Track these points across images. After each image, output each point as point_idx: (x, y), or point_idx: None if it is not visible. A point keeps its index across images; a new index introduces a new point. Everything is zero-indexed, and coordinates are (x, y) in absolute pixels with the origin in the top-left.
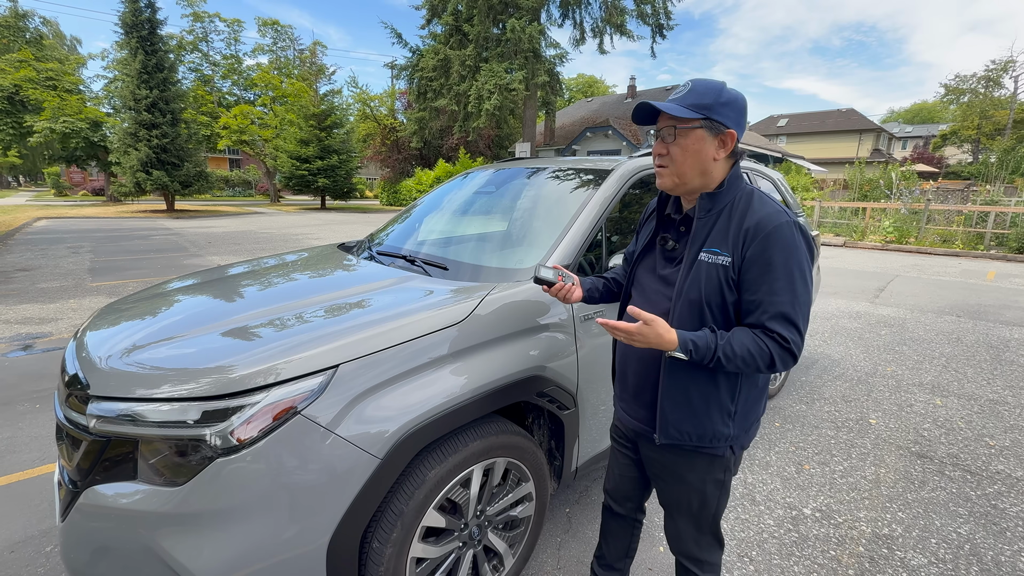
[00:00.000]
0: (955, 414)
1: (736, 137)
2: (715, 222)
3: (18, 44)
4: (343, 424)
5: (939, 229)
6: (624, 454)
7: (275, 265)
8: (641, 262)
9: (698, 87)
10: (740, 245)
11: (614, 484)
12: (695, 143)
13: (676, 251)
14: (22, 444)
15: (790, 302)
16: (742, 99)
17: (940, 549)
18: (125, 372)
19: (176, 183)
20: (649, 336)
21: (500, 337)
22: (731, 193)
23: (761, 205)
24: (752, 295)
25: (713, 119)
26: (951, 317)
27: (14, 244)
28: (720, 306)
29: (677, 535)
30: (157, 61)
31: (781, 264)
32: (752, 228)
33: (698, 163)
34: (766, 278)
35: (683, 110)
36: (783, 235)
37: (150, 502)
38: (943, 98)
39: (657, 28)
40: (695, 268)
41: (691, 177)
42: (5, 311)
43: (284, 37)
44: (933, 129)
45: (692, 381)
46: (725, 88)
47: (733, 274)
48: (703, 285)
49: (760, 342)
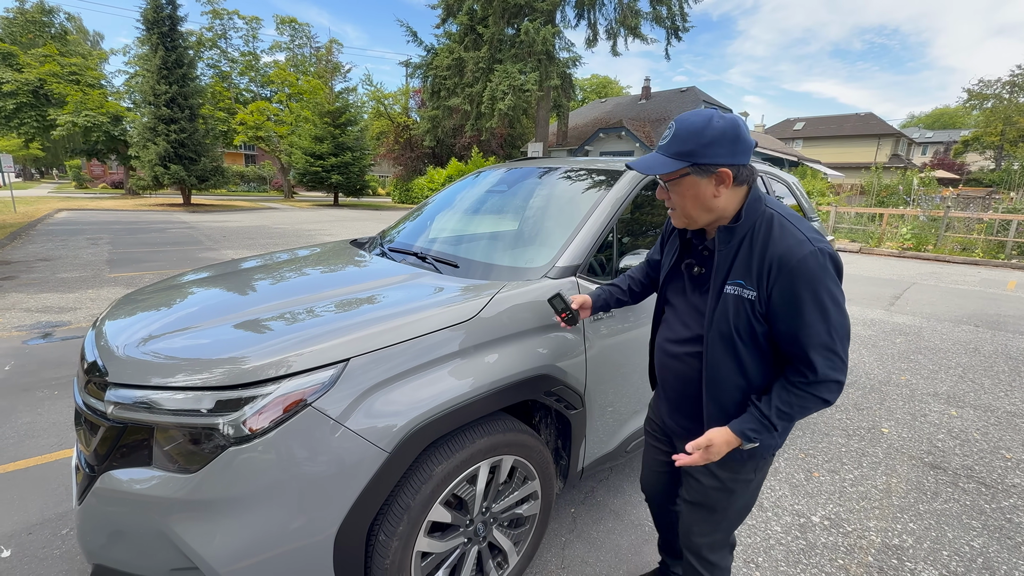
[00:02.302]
0: (971, 425)
1: (732, 172)
2: (736, 252)
3: (43, 39)
4: (353, 417)
5: (958, 237)
6: (658, 448)
7: (288, 260)
8: (670, 284)
9: (680, 132)
10: (765, 280)
11: (647, 477)
12: (689, 188)
13: (702, 276)
14: (41, 429)
15: (826, 331)
16: (731, 129)
17: (952, 562)
18: (142, 360)
19: (193, 177)
20: (714, 454)
21: (509, 335)
22: (749, 221)
23: (782, 235)
24: (785, 327)
25: (699, 163)
26: (969, 327)
27: (36, 235)
28: (750, 336)
29: (692, 531)
30: (177, 57)
31: (810, 298)
32: (776, 263)
33: (699, 204)
34: (798, 313)
35: (667, 163)
36: (807, 268)
37: (164, 488)
38: (966, 103)
39: (672, 30)
40: (722, 300)
41: (698, 215)
42: (26, 300)
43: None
44: (954, 135)
45: (731, 397)
46: (709, 125)
47: (760, 308)
48: (731, 318)
49: (793, 395)
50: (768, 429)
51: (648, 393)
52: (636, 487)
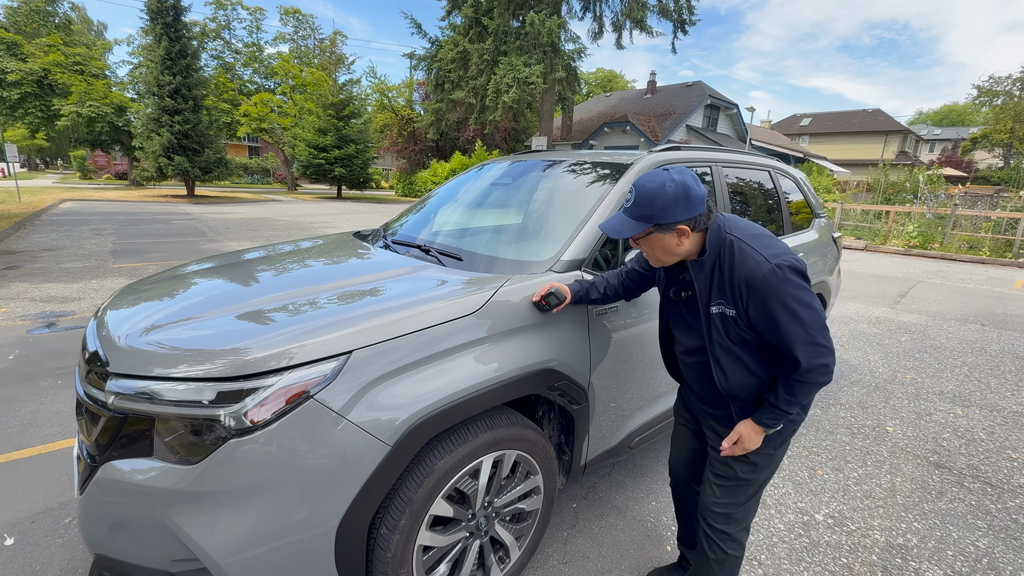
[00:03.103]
0: (976, 425)
1: (688, 227)
2: (711, 278)
3: (47, 29)
4: (355, 410)
5: (965, 235)
6: (686, 427)
7: (291, 251)
8: (667, 305)
9: (640, 197)
10: (740, 300)
11: (676, 456)
12: (656, 242)
13: (691, 299)
14: (44, 419)
15: (803, 331)
16: (682, 192)
17: (957, 562)
18: (143, 351)
19: (196, 169)
20: (749, 444)
21: (514, 329)
22: (713, 251)
23: (743, 260)
24: (769, 335)
25: (659, 223)
26: (975, 325)
27: (40, 224)
28: (744, 344)
29: (712, 503)
30: (181, 48)
31: (780, 309)
32: (744, 285)
33: (665, 251)
34: (775, 324)
35: (632, 226)
36: (770, 285)
37: (165, 479)
38: (975, 100)
39: (679, 23)
40: (712, 320)
41: (667, 259)
42: (30, 289)
43: (305, 26)
44: (963, 132)
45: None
46: (663, 191)
47: (744, 322)
48: (724, 333)
49: (793, 385)
50: (782, 415)
51: (652, 388)
52: (638, 483)
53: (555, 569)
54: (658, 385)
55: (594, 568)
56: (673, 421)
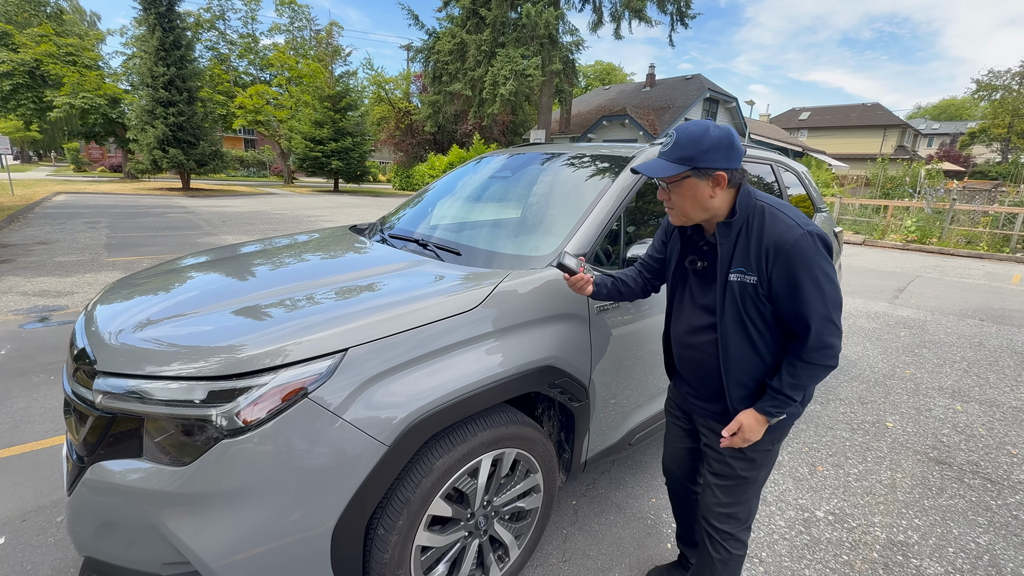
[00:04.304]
0: (976, 420)
1: (727, 175)
2: (735, 243)
3: (38, 18)
4: (351, 409)
5: (963, 230)
6: (679, 426)
7: (286, 245)
8: (677, 280)
9: (681, 139)
10: (764, 264)
11: (670, 455)
12: (689, 189)
13: (705, 271)
14: (36, 415)
15: (823, 304)
16: (726, 137)
17: (958, 559)
18: (132, 348)
19: (191, 161)
20: (749, 435)
21: (513, 326)
22: (743, 214)
23: (774, 223)
24: (787, 305)
25: (699, 167)
26: (974, 320)
27: (33, 217)
28: (759, 317)
29: (713, 504)
30: (175, 38)
31: (806, 276)
32: (772, 248)
33: (697, 204)
34: (797, 291)
35: (670, 167)
36: (800, 250)
37: (155, 480)
38: (974, 94)
39: (678, 16)
40: (728, 289)
41: (695, 214)
42: (23, 283)
43: (301, 17)
44: (961, 126)
45: (750, 376)
46: (707, 133)
47: (763, 290)
48: (739, 303)
49: (798, 368)
50: (786, 402)
51: (652, 385)
52: (638, 480)
53: (555, 567)
54: (658, 381)
55: (594, 566)
56: None
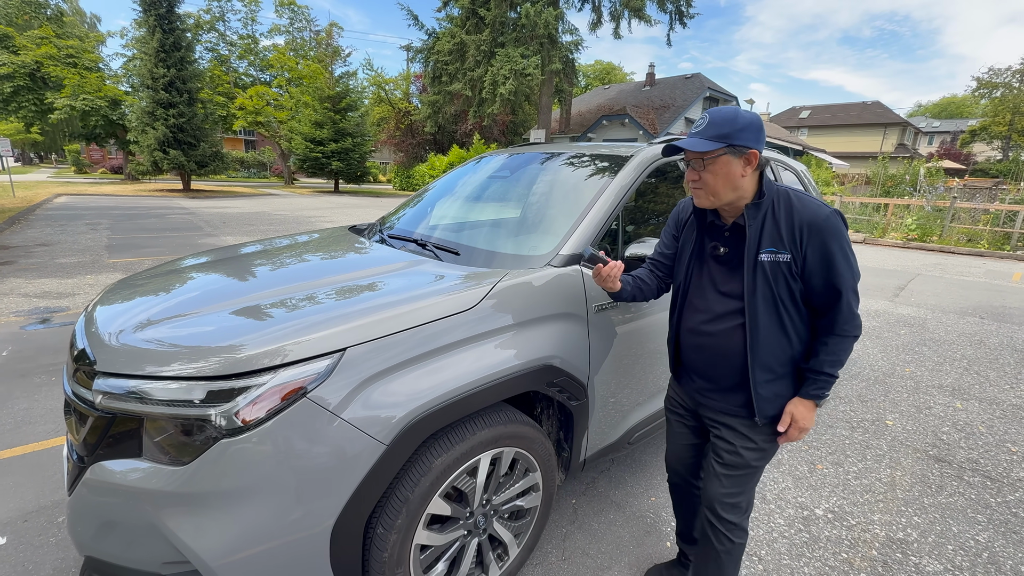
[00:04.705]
0: (976, 418)
1: (758, 154)
2: (763, 226)
3: (39, 21)
4: (350, 408)
5: (964, 228)
6: (684, 424)
7: (286, 246)
8: (693, 269)
9: (715, 119)
10: (798, 242)
11: (674, 453)
12: (723, 167)
13: (729, 256)
14: (38, 416)
15: (851, 276)
16: (757, 120)
17: (957, 556)
18: (132, 349)
19: (192, 163)
20: (804, 422)
21: (512, 325)
22: (769, 197)
23: (803, 204)
24: (821, 280)
25: (734, 144)
26: (974, 318)
27: (35, 219)
28: (790, 296)
29: (718, 495)
30: (175, 40)
31: (838, 250)
32: (806, 226)
33: (728, 182)
34: (830, 264)
35: (707, 143)
36: (832, 226)
37: (154, 480)
38: (974, 92)
39: (677, 15)
40: (759, 268)
41: (724, 194)
42: (24, 285)
43: (301, 18)
44: (962, 124)
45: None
46: (740, 114)
47: (796, 268)
48: (771, 282)
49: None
50: (828, 381)
51: (652, 383)
52: (638, 478)
53: (554, 566)
54: (658, 380)
55: (593, 564)
56: None
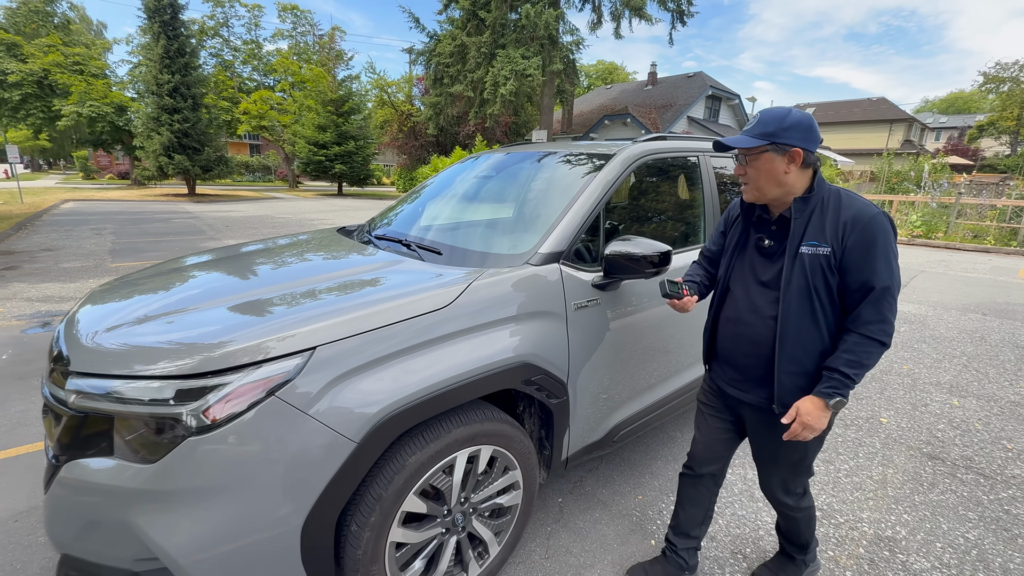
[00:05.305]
0: (972, 415)
1: (803, 153)
2: (808, 220)
3: (46, 29)
4: (319, 407)
5: (970, 224)
6: (717, 417)
7: (269, 248)
8: (737, 262)
9: (765, 117)
10: (840, 236)
11: (703, 448)
12: (765, 164)
13: (772, 248)
14: (34, 418)
15: (888, 277)
16: (806, 120)
17: (945, 554)
18: (104, 349)
19: (197, 167)
20: (808, 419)
21: (486, 323)
22: (819, 195)
23: (851, 202)
24: (856, 275)
25: (777, 142)
26: (976, 315)
27: (41, 225)
28: (825, 289)
29: (776, 486)
30: (179, 46)
31: (879, 248)
32: (850, 221)
33: (772, 178)
34: (867, 260)
35: (751, 140)
36: (878, 223)
37: (124, 478)
38: (981, 87)
39: (677, 14)
40: (798, 260)
41: (768, 189)
42: (27, 289)
43: (304, 22)
44: (969, 120)
45: (806, 351)
46: (790, 114)
47: (835, 261)
48: (808, 273)
49: (853, 345)
50: (841, 382)
51: (637, 382)
52: (626, 477)
53: (537, 564)
54: (645, 378)
55: (576, 563)
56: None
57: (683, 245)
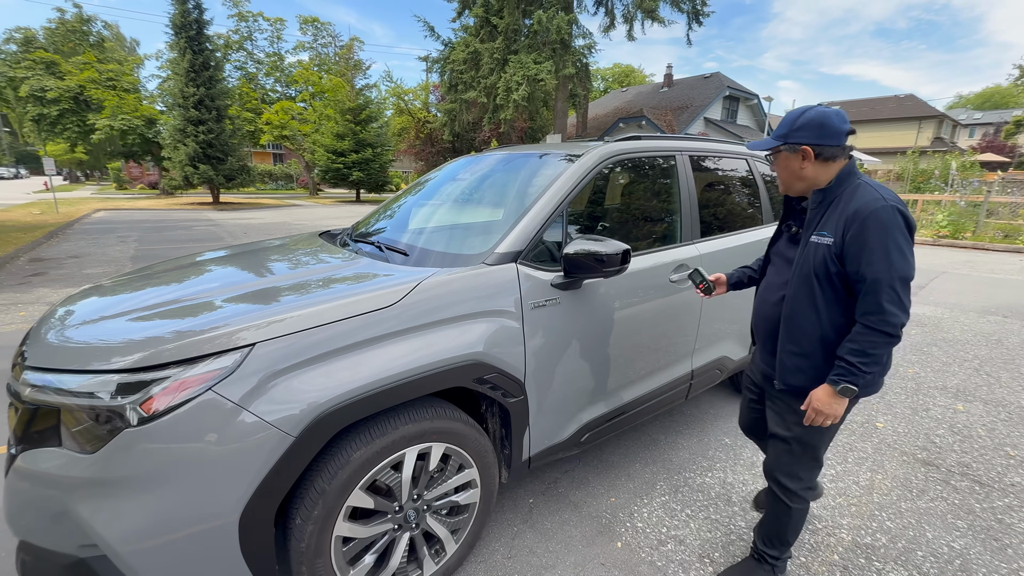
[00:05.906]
0: (976, 421)
1: (812, 149)
2: (825, 211)
3: (83, 47)
4: (256, 402)
5: (1001, 223)
6: (751, 398)
7: (244, 252)
8: (774, 246)
9: (785, 119)
10: (842, 229)
11: (745, 420)
12: (783, 162)
13: (798, 235)
14: None
15: (887, 270)
16: (818, 118)
17: (925, 563)
18: (55, 345)
19: (221, 177)
20: (820, 405)
21: (434, 322)
22: (840, 188)
23: (862, 195)
24: (854, 265)
25: (789, 142)
26: (996, 317)
27: (72, 233)
28: (826, 277)
29: (774, 465)
30: (204, 60)
31: (877, 241)
32: (852, 214)
33: (791, 174)
34: (862, 252)
35: (768, 142)
36: (878, 216)
37: (68, 468)
38: (1018, 80)
39: (693, 14)
40: (807, 248)
41: (791, 183)
42: (51, 294)
43: (324, 34)
44: (1006, 115)
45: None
46: (803, 114)
47: (835, 251)
48: (812, 261)
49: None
50: (847, 369)
51: (603, 383)
52: (601, 478)
53: (498, 564)
54: (612, 380)
55: (538, 563)
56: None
57: (657, 245)
